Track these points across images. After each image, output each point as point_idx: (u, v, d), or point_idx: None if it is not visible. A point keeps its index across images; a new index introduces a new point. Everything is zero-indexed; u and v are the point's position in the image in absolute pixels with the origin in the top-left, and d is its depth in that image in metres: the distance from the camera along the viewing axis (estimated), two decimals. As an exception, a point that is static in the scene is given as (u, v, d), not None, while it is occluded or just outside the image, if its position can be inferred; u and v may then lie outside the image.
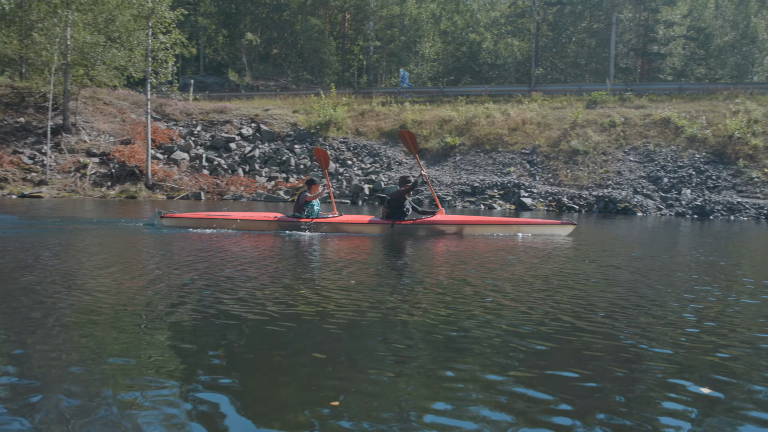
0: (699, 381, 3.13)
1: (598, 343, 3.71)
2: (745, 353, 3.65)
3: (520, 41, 45.22)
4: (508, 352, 3.48)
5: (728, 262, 8.26)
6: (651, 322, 4.39)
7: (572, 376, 3.13)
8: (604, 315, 4.51)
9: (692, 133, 24.51)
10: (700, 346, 3.74)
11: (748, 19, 43.69)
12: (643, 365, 3.36)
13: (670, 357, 3.51)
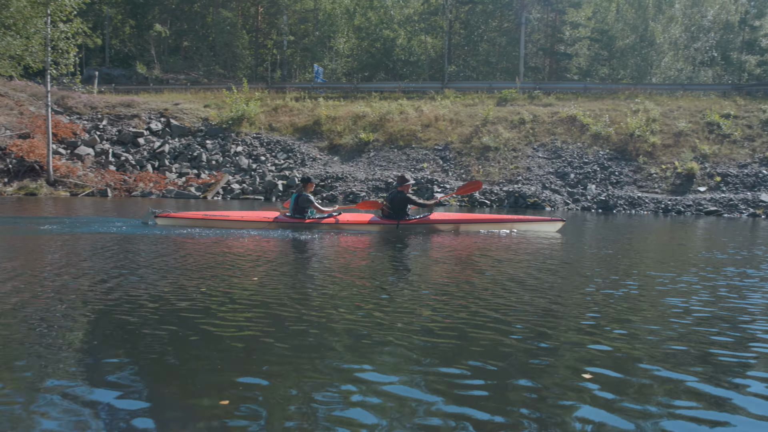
0: (603, 366, 3.20)
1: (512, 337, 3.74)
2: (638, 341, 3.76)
3: (433, 39, 45.79)
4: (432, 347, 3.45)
5: (635, 255, 8.60)
6: (562, 313, 4.47)
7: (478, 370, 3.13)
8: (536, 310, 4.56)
9: (597, 130, 25.50)
10: (595, 337, 3.83)
11: (647, 23, 45.87)
12: (550, 358, 3.41)
13: (575, 349, 3.58)
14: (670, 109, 27.30)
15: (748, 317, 4.63)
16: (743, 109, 27.09)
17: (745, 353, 3.68)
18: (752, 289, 5.95)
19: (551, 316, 4.46)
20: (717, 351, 3.68)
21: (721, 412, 2.77)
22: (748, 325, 4.39)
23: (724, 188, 22.83)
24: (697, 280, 6.39)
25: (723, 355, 3.60)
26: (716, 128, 25.66)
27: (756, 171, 23.38)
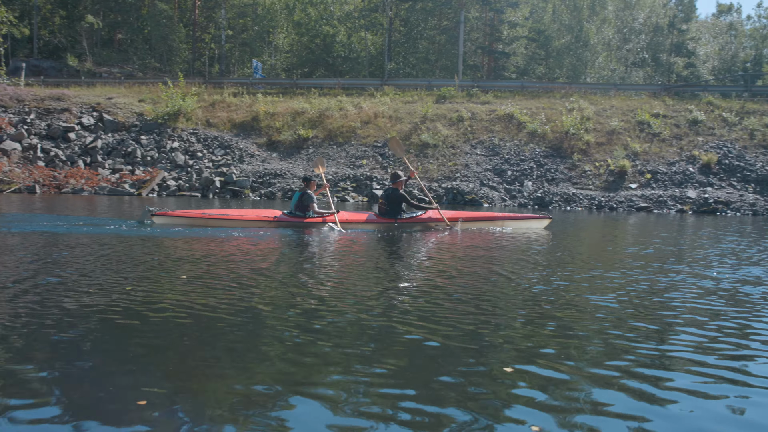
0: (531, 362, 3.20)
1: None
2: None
3: (373, 35, 45.75)
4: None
5: (573, 250, 8.74)
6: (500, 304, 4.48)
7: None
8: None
9: (533, 128, 25.96)
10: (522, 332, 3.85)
11: (581, 24, 47.02)
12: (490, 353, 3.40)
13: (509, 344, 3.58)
14: (604, 108, 28.04)
15: (673, 312, 4.74)
16: (672, 109, 28.06)
17: (670, 347, 3.75)
18: (679, 284, 6.12)
19: (495, 310, 4.47)
20: (642, 345, 3.75)
21: (643, 405, 2.80)
22: (674, 319, 4.49)
23: (654, 185, 23.58)
24: (627, 275, 6.54)
25: (648, 349, 3.66)
26: (647, 127, 26.48)
27: (683, 168, 24.24)
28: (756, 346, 3.81)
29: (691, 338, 3.90)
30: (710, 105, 28.47)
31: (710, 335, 4.00)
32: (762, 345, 3.83)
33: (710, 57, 59.68)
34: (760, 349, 3.75)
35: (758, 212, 22.00)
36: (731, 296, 5.42)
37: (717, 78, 54.86)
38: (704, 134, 26.20)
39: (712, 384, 3.09)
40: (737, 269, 7.18)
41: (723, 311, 4.77)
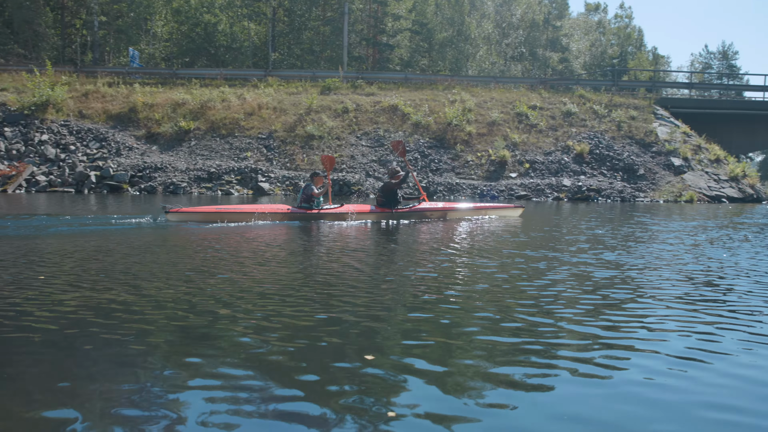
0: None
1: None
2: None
3: (256, 25, 44.83)
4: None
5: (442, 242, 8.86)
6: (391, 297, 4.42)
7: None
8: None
9: (417, 119, 26.34)
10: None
11: (463, 18, 48.27)
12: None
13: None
14: (484, 100, 28.90)
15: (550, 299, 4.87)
16: (548, 102, 29.34)
17: (557, 339, 3.82)
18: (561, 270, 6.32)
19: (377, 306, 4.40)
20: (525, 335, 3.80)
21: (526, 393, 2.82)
22: (554, 306, 4.60)
23: (533, 174, 24.59)
24: (513, 263, 6.69)
25: (532, 338, 3.72)
26: (525, 118, 27.55)
27: (559, 158, 25.42)
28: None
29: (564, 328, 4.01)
30: (582, 98, 30.03)
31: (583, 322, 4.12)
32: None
33: (582, 53, 62.98)
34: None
35: (626, 199, 23.46)
36: (595, 282, 5.65)
37: (588, 72, 57.97)
38: (577, 125, 27.59)
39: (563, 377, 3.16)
40: (599, 253, 7.53)
41: (582, 297, 4.95)
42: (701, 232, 10.85)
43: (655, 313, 4.31)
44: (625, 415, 2.60)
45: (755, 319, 4.21)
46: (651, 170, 25.55)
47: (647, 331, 3.84)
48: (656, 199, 23.70)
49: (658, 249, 8.10)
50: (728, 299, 4.94)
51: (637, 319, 4.11)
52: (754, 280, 5.79)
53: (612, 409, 2.65)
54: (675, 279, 5.80)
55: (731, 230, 11.36)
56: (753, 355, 3.40)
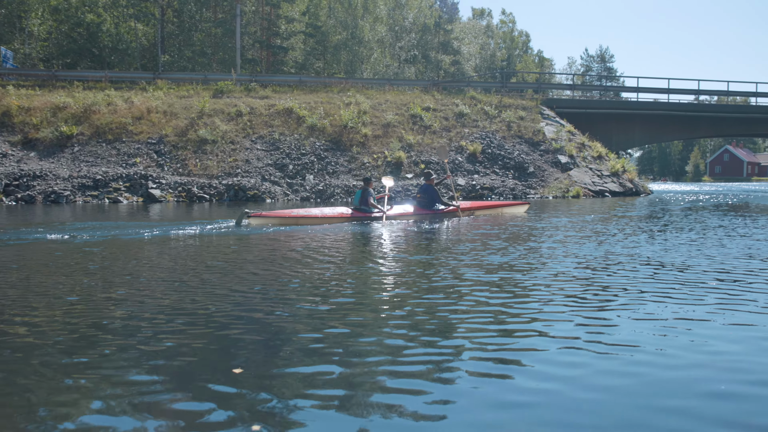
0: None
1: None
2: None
3: (144, 26, 43.17)
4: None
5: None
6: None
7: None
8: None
9: (312, 122, 26.18)
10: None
11: (356, 21, 48.57)
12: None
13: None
14: (379, 102, 29.13)
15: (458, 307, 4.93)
16: (440, 103, 29.96)
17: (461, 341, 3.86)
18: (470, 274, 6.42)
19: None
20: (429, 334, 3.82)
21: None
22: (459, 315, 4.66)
23: (427, 175, 25.00)
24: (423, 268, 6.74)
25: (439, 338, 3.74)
26: (419, 120, 27.99)
27: (453, 158, 26.00)
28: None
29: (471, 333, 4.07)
30: (474, 99, 30.88)
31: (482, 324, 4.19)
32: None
33: (473, 55, 64.84)
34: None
35: (518, 196, 24.30)
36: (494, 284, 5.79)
37: (479, 75, 59.73)
38: (469, 126, 28.34)
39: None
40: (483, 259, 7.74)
41: (488, 299, 5.06)
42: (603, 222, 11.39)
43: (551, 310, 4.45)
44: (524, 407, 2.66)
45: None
46: (540, 168, 26.61)
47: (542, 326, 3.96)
48: (546, 195, 24.71)
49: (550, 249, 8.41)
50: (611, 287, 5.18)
51: (537, 315, 4.23)
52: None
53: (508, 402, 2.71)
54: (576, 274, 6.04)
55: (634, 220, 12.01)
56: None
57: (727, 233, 10.20)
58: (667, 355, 3.41)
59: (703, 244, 8.71)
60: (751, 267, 6.60)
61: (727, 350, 3.52)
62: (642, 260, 7.02)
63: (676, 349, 3.51)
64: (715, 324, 4.10)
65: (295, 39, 47.24)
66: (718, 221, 12.96)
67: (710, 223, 12.65)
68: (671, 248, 8.15)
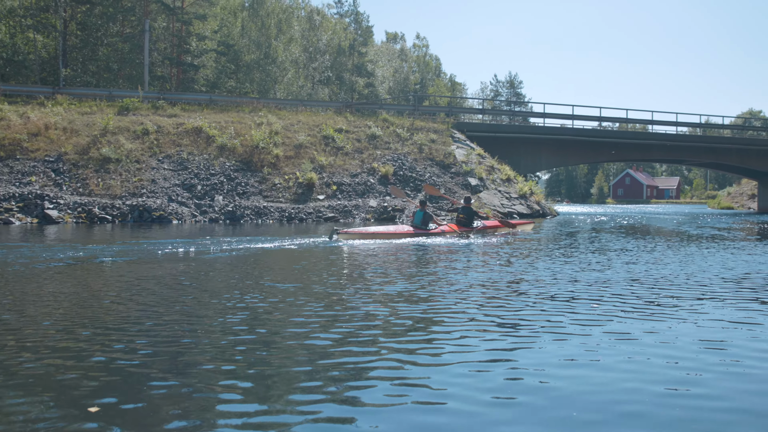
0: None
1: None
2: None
3: (44, 37, 41.15)
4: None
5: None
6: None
7: None
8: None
9: (222, 142, 25.64)
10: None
11: (270, 41, 48.20)
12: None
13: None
14: (291, 123, 28.88)
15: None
16: (353, 125, 30.02)
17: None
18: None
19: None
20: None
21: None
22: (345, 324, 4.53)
23: (340, 196, 24.93)
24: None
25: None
26: (331, 141, 27.92)
27: (365, 180, 26.04)
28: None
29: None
30: (386, 122, 31.12)
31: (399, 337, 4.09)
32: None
33: (386, 78, 65.62)
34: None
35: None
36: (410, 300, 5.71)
37: (392, 97, 60.48)
38: (382, 148, 28.50)
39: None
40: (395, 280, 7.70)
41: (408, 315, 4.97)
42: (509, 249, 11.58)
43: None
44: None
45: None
46: (451, 190, 27.02)
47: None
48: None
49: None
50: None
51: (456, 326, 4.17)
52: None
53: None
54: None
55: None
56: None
57: (622, 255, 10.60)
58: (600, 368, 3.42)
59: (606, 265, 9.00)
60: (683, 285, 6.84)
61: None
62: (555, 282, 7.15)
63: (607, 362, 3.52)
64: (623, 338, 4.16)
65: (206, 57, 46.33)
66: (621, 244, 13.50)
67: (614, 245, 13.15)
68: (568, 270, 8.36)
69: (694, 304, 6.08)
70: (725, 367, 3.81)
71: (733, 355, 4.10)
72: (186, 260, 9.53)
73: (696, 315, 5.52)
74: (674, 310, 5.74)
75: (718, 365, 3.85)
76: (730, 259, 10.25)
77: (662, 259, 10.23)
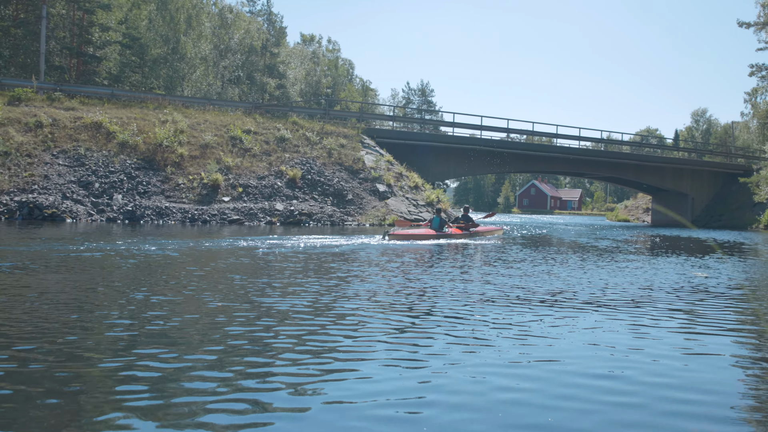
0: None
1: None
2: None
3: (-73, 19, 38.24)
4: None
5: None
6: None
7: None
8: None
9: (124, 139, 24.61)
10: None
11: (179, 36, 46.75)
12: None
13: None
14: (198, 122, 28.08)
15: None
16: (262, 127, 29.54)
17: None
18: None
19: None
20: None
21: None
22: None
23: (246, 198, 24.44)
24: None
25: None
26: (239, 142, 27.35)
27: (272, 183, 25.66)
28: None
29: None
30: (296, 125, 30.80)
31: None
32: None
33: (298, 80, 65.10)
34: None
35: (336, 222, 24.48)
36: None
37: (304, 100, 60.06)
38: (290, 151, 28.18)
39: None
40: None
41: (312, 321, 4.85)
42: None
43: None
44: None
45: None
46: (359, 195, 27.05)
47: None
48: (363, 223, 25.11)
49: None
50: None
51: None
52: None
53: None
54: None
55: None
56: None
57: (518, 266, 10.89)
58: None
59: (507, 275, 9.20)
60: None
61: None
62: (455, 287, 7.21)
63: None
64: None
65: (110, 49, 44.36)
66: (522, 254, 13.88)
67: (514, 255, 13.51)
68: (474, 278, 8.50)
69: (578, 312, 6.28)
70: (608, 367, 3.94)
71: (615, 357, 4.25)
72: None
73: (578, 321, 5.71)
74: (562, 315, 5.90)
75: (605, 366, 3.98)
76: (616, 271, 10.73)
77: (552, 270, 10.56)
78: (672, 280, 9.48)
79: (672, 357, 4.61)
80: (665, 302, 7.35)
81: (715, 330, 5.74)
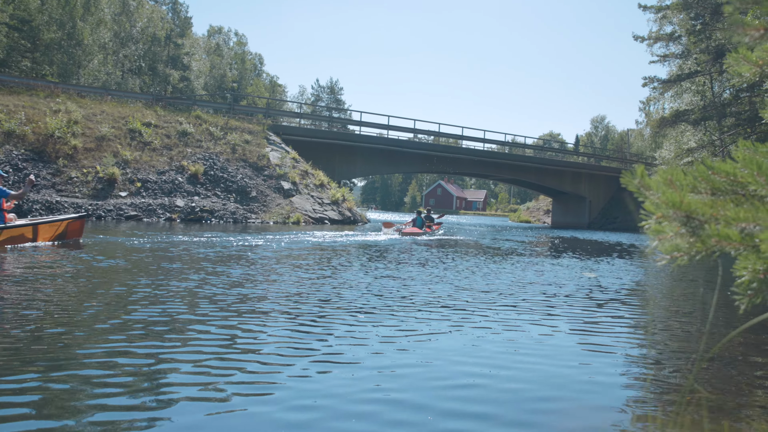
0: None
1: None
2: None
3: None
4: None
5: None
6: None
7: None
8: None
9: (10, 128, 23.08)
10: None
11: (75, 21, 44.37)
12: None
13: None
14: (94, 113, 26.76)
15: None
16: (163, 120, 28.50)
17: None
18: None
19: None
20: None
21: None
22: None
23: (144, 194, 23.50)
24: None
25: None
26: (138, 135, 26.28)
27: (173, 178, 24.81)
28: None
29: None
30: (199, 119, 29.91)
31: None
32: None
33: (203, 73, 63.35)
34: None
35: (238, 220, 23.97)
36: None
37: (208, 93, 58.52)
38: (193, 146, 27.34)
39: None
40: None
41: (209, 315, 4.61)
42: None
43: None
44: None
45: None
46: (263, 193, 26.59)
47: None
48: (267, 221, 24.70)
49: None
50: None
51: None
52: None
53: None
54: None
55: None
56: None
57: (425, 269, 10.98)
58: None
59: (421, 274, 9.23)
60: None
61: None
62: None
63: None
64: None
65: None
66: (424, 256, 14.00)
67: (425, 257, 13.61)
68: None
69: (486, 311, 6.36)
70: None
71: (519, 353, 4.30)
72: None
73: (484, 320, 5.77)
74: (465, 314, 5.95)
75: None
76: (516, 271, 11.02)
77: (444, 275, 10.70)
78: (561, 281, 9.81)
79: (540, 355, 4.72)
80: (550, 303, 7.55)
81: (584, 328, 5.95)
